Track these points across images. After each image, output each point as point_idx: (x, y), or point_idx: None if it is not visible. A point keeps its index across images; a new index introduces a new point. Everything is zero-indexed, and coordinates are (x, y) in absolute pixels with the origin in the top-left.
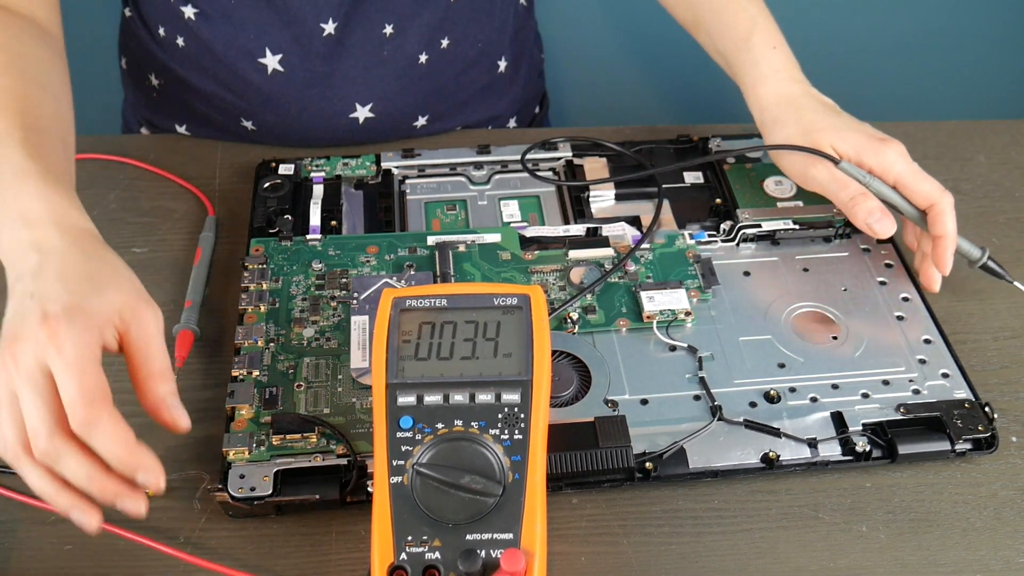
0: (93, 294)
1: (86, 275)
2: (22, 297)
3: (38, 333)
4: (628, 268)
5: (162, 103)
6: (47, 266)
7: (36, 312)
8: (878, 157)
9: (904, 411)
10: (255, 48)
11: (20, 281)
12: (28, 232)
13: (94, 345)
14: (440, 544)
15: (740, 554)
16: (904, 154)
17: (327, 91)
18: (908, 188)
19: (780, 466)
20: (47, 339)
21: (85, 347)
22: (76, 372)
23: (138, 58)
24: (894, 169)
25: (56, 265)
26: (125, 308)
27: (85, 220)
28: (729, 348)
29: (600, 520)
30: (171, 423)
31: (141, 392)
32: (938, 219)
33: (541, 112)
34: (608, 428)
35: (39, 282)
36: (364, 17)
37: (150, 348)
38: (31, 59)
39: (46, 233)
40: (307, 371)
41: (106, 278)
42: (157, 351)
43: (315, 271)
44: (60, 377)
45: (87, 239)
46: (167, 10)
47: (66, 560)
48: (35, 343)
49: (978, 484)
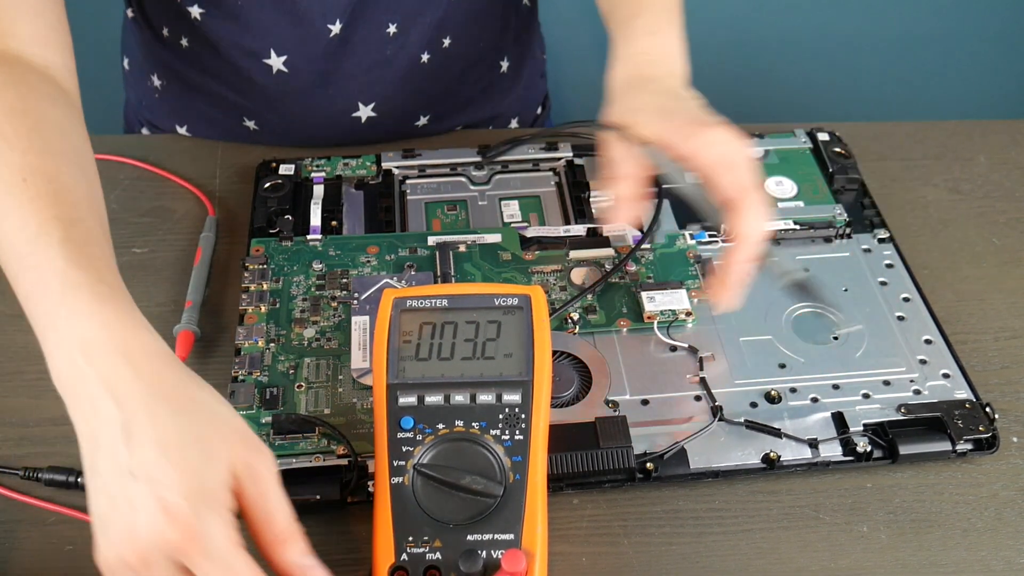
0: (206, 465)
1: (190, 437)
2: (118, 475)
3: (167, 533)
4: (629, 268)
5: (164, 103)
6: (136, 428)
7: (151, 503)
8: (688, 142)
9: (905, 411)
10: (260, 49)
11: (101, 446)
12: (91, 367)
13: (234, 532)
14: (441, 545)
15: (741, 554)
16: (727, 141)
17: (330, 90)
18: (713, 178)
19: (781, 466)
20: (184, 542)
21: (227, 540)
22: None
23: (140, 59)
24: (702, 155)
25: (147, 427)
26: (237, 464)
27: (154, 339)
28: (730, 348)
29: (601, 520)
30: None
31: (271, 556)
32: (737, 216)
33: (543, 113)
34: (609, 428)
35: (135, 454)
36: (369, 16)
37: (269, 506)
38: (53, 125)
39: (116, 370)
40: (308, 371)
41: (210, 434)
42: (278, 507)
43: (315, 271)
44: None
45: (166, 373)
46: (173, 10)
47: (66, 561)
48: (169, 548)
49: (979, 484)
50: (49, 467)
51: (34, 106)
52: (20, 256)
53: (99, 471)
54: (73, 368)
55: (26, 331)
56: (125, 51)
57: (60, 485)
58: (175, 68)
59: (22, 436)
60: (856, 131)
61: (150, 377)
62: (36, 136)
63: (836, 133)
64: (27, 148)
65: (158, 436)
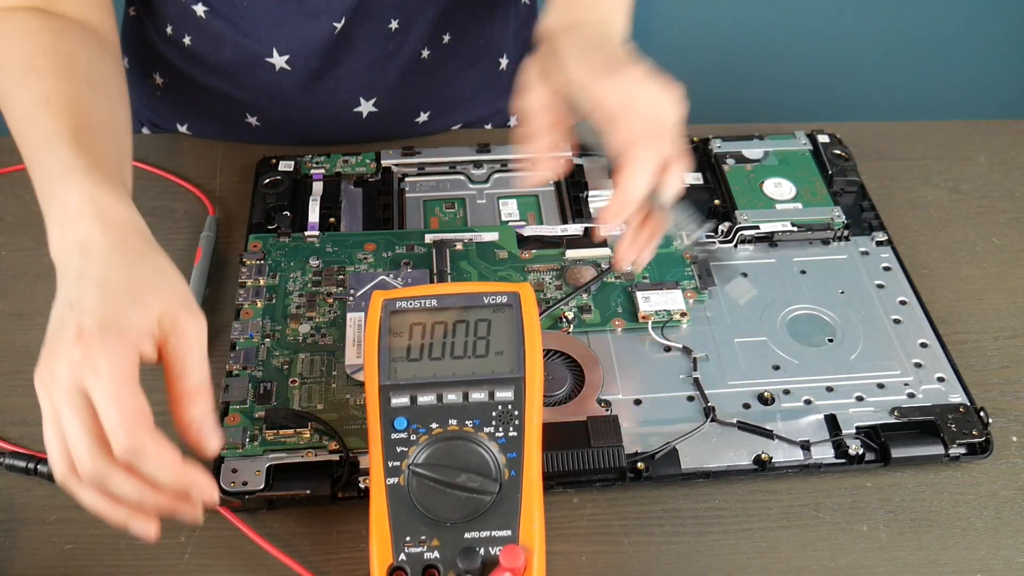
0: (131, 306)
1: (127, 282)
2: (64, 305)
3: (73, 351)
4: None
5: (165, 102)
6: (88, 271)
7: (73, 326)
8: (595, 84)
9: (898, 415)
10: (263, 47)
11: (64, 284)
12: (72, 230)
13: (131, 364)
14: (439, 543)
15: (741, 553)
16: (634, 87)
17: (331, 85)
18: (607, 128)
19: (772, 468)
20: (82, 359)
21: (121, 368)
22: (113, 396)
23: (142, 57)
24: (606, 100)
25: (97, 270)
26: (164, 317)
27: (131, 213)
28: (724, 349)
29: (601, 519)
30: (196, 446)
31: (175, 409)
32: (617, 173)
33: None
34: (600, 428)
35: (79, 290)
36: (371, 13)
37: (187, 362)
38: (81, 60)
39: (89, 231)
40: (302, 367)
41: (147, 285)
42: (194, 366)
43: (312, 267)
44: (98, 401)
45: (132, 236)
46: (177, 7)
47: (66, 559)
48: (70, 362)
49: (978, 484)
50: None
51: (67, 45)
52: (36, 152)
53: (55, 304)
54: (61, 232)
55: (26, 331)
56: (125, 50)
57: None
58: (178, 66)
59: (22, 436)
60: (856, 131)
61: (120, 239)
62: (64, 67)
63: (836, 135)
64: (53, 75)
65: (102, 277)
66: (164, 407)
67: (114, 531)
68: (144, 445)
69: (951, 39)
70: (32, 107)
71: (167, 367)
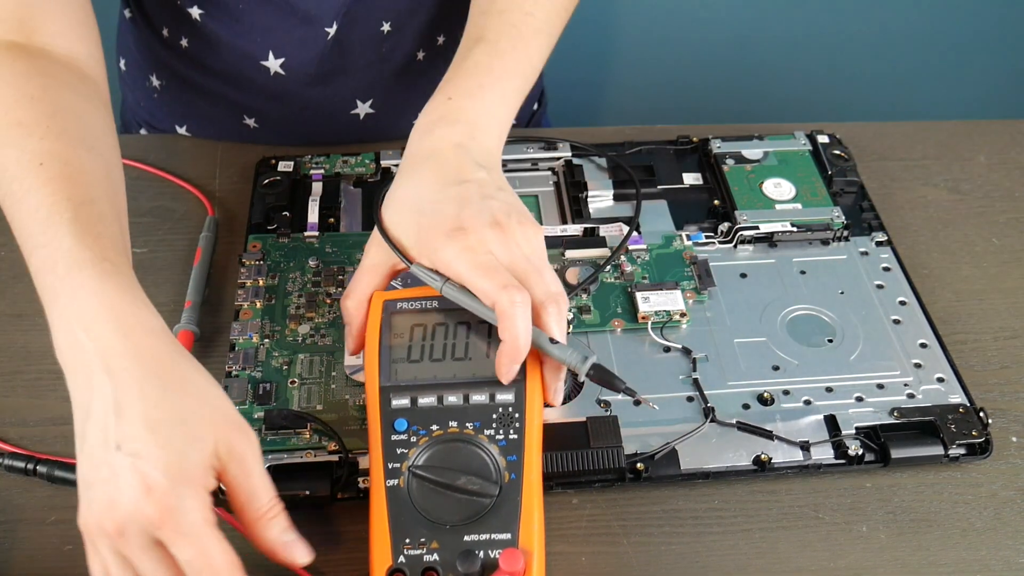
0: (189, 445)
1: (178, 418)
2: (105, 446)
3: (145, 508)
4: (624, 269)
5: (163, 104)
6: (126, 403)
7: (133, 478)
8: (436, 255)
9: (898, 415)
10: (259, 51)
11: (92, 416)
12: (90, 341)
13: (208, 511)
14: (438, 546)
15: (740, 554)
16: (468, 249)
17: (328, 88)
18: (472, 288)
19: (772, 468)
20: (159, 517)
21: (203, 520)
22: (202, 553)
23: (139, 59)
24: (452, 269)
25: (136, 403)
26: (220, 446)
27: (151, 316)
28: (724, 350)
29: (600, 520)
30: (290, 563)
31: (252, 533)
32: (501, 321)
33: (539, 109)
34: (600, 428)
35: (122, 428)
36: (363, 16)
37: (252, 484)
38: (72, 114)
39: (111, 344)
40: (301, 367)
41: (198, 417)
42: (260, 486)
43: (312, 268)
44: (187, 559)
45: (160, 349)
46: (173, 10)
47: (66, 560)
48: (144, 519)
49: (978, 484)
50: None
51: (54, 94)
52: (32, 235)
53: (87, 439)
54: (73, 341)
55: (26, 331)
56: (121, 52)
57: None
58: (175, 68)
59: (22, 436)
60: (856, 131)
61: (145, 353)
62: (54, 122)
63: (836, 135)
64: (44, 134)
65: (146, 413)
66: None
67: None
68: None
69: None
70: (23, 173)
71: (232, 494)
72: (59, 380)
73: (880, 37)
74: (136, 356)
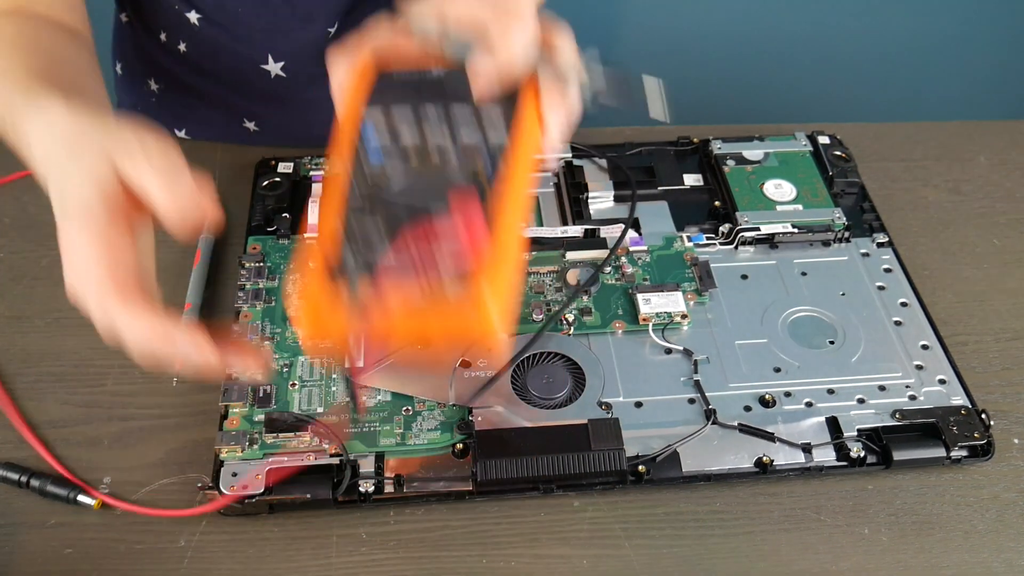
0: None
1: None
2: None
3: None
4: (625, 270)
5: (162, 108)
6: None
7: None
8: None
9: (900, 417)
10: (258, 54)
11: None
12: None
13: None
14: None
15: (742, 556)
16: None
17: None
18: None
19: (774, 471)
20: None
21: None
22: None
23: (135, 64)
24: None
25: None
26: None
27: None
28: (725, 352)
29: (602, 523)
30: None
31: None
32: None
33: None
34: (601, 430)
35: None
36: (359, 19)
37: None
38: (51, 34)
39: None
40: (301, 370)
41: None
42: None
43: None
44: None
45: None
46: (170, 15)
47: (66, 563)
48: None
49: (980, 487)
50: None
51: (28, 30)
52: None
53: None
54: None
55: (24, 333)
56: (117, 56)
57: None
58: (174, 72)
59: (22, 437)
60: (856, 132)
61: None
62: (33, 36)
63: (837, 136)
64: (18, 34)
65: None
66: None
67: (114, 535)
68: None
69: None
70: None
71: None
72: (58, 383)
73: (880, 37)
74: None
